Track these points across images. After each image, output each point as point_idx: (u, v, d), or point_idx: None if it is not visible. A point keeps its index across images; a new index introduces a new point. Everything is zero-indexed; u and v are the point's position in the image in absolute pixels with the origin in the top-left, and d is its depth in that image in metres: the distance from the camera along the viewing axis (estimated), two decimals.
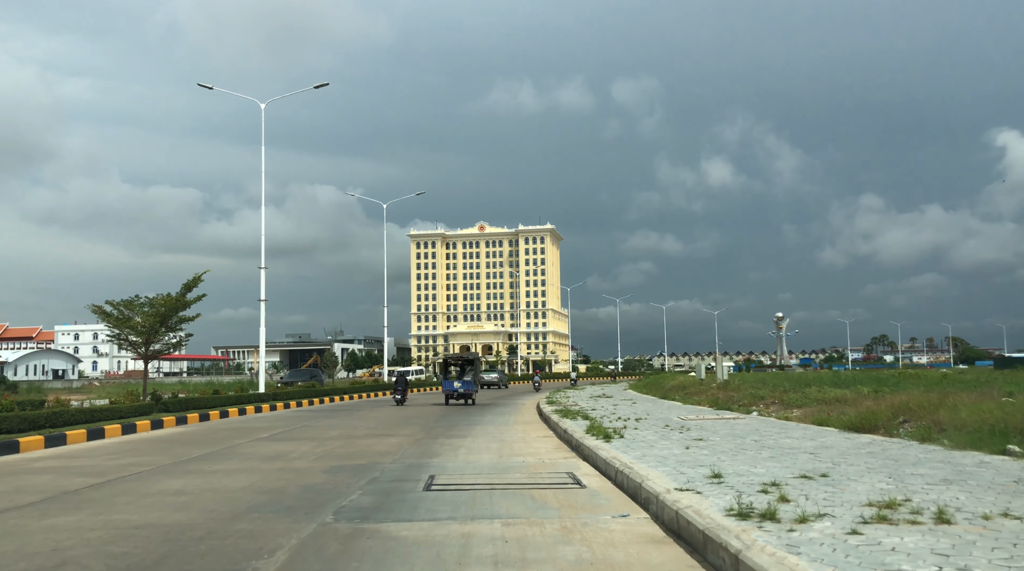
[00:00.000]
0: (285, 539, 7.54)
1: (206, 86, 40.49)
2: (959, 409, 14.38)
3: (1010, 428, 12.01)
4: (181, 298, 29.57)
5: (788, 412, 20.45)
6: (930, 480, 8.84)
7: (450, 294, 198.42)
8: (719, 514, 7.11)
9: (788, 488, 8.43)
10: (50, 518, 8.92)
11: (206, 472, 12.82)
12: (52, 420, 20.51)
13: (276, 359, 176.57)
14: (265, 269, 38.89)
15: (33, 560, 6.90)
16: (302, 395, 38.66)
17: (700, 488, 8.59)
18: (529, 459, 13.86)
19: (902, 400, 16.77)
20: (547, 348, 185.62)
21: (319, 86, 42.61)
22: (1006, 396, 17.20)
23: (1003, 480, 8.73)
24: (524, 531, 7.68)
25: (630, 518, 8.31)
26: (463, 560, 6.61)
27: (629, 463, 10.85)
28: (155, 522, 8.52)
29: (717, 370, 42.12)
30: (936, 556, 5.48)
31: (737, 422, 18.21)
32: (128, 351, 31.33)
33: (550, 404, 28.22)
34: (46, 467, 14.02)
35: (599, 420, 19.07)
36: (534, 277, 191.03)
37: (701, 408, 25.02)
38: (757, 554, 5.64)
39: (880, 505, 7.24)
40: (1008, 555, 5.48)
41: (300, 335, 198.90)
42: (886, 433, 14.23)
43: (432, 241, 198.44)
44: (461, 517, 8.46)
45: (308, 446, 16.46)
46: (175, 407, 26.94)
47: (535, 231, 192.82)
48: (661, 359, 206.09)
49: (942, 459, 10.63)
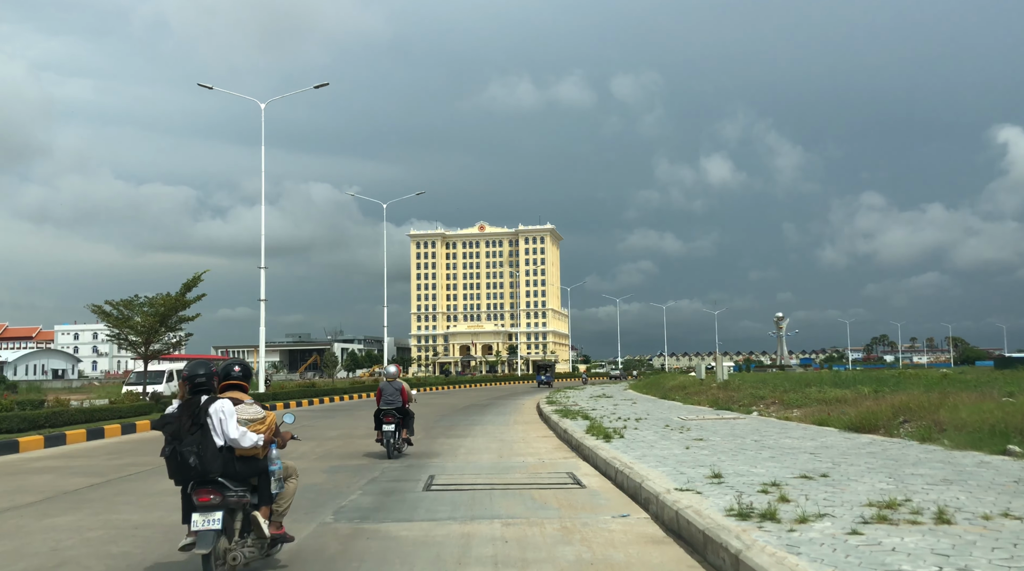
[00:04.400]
0: None
1: (206, 86, 40.49)
2: (959, 409, 14.38)
3: (1010, 428, 12.01)
4: (181, 298, 29.56)
5: (788, 412, 20.45)
6: (930, 480, 8.84)
7: (450, 294, 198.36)
8: (719, 514, 7.10)
9: (788, 488, 8.42)
10: (50, 518, 8.92)
11: None
12: (52, 420, 20.51)
13: (276, 359, 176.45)
14: (265, 269, 38.88)
15: (33, 560, 6.90)
16: (302, 395, 38.66)
17: (700, 488, 8.59)
18: (529, 459, 13.85)
19: (902, 400, 16.78)
20: (547, 348, 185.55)
21: (319, 86, 42.52)
22: (1006, 396, 17.20)
23: (1003, 480, 8.73)
24: (524, 531, 7.67)
25: (630, 518, 8.31)
26: (463, 560, 6.61)
27: (629, 463, 10.85)
28: (155, 522, 8.51)
29: (717, 370, 42.12)
30: (936, 556, 5.48)
31: (737, 422, 18.21)
32: (128, 351, 31.34)
33: (550, 404, 28.22)
34: (46, 467, 14.01)
35: (599, 420, 19.07)
36: (534, 277, 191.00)
37: (701, 408, 25.02)
38: (757, 554, 5.64)
39: (880, 505, 7.24)
40: (1008, 555, 5.47)
41: (300, 335, 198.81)
42: (886, 433, 14.22)
43: (432, 241, 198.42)
44: (461, 517, 8.46)
45: (308, 446, 16.45)
46: None
47: (535, 231, 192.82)
48: (661, 359, 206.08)
49: (942, 459, 10.63)
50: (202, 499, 5.68)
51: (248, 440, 5.94)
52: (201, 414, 5.78)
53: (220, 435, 5.82)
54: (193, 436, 5.71)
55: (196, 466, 5.64)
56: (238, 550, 5.91)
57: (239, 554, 5.89)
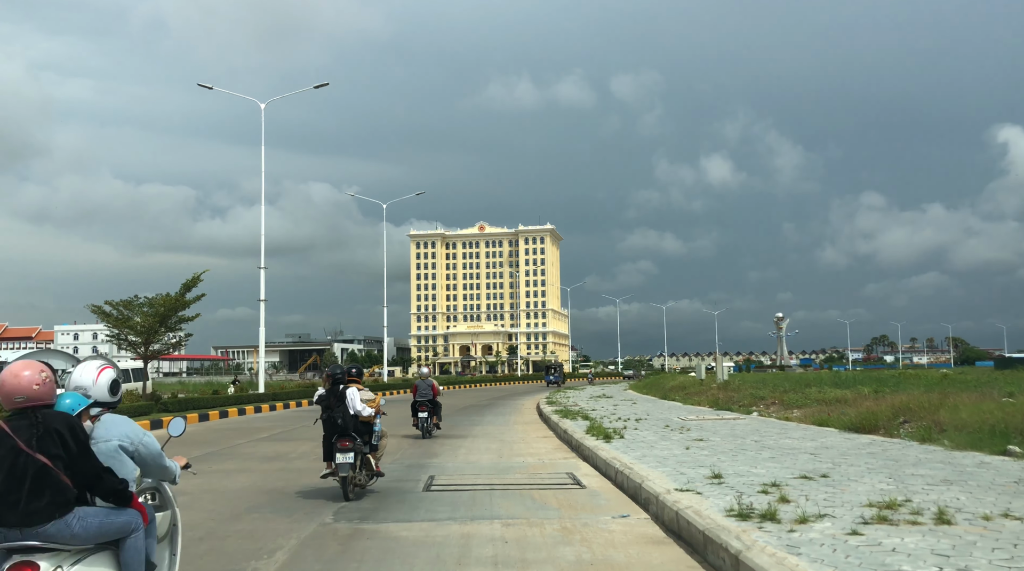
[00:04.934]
0: (285, 539, 7.53)
1: (206, 86, 40.44)
2: (959, 409, 14.38)
3: (1010, 428, 12.01)
4: (180, 298, 29.56)
5: (788, 412, 20.45)
6: (930, 480, 8.83)
7: (450, 294, 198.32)
8: (719, 515, 7.10)
9: (788, 489, 8.42)
10: None
11: (206, 472, 12.81)
12: None
13: (276, 359, 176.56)
14: (265, 269, 38.86)
15: None
16: (301, 395, 38.63)
17: (700, 488, 8.59)
18: (529, 459, 13.85)
19: (902, 400, 16.78)
20: (547, 348, 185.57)
21: (319, 86, 42.43)
22: (1006, 396, 17.20)
23: (1003, 480, 8.72)
24: (524, 531, 7.67)
25: (630, 518, 8.30)
26: (463, 560, 6.60)
27: (629, 463, 10.84)
28: None
29: (717, 370, 42.09)
30: (936, 557, 5.48)
31: (737, 422, 18.21)
32: (128, 351, 31.33)
33: (550, 404, 28.22)
34: None
35: (599, 420, 19.07)
36: (534, 277, 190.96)
37: (701, 408, 25.01)
38: (757, 555, 5.63)
39: (880, 506, 7.24)
40: (1008, 556, 5.47)
41: (300, 335, 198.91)
42: (886, 433, 14.22)
43: (432, 241, 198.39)
44: (461, 517, 8.45)
45: (308, 446, 16.44)
46: (175, 407, 26.95)
47: (535, 231, 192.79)
48: (661, 359, 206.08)
49: (942, 459, 10.62)
50: (343, 444, 9.53)
51: (366, 412, 9.99)
52: (341, 395, 9.76)
53: (351, 408, 9.75)
54: (338, 408, 9.69)
55: (341, 424, 9.62)
56: (359, 476, 9.74)
57: (360, 478, 9.77)
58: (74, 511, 3.84)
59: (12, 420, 3.87)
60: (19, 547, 3.73)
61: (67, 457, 3.83)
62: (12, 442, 3.78)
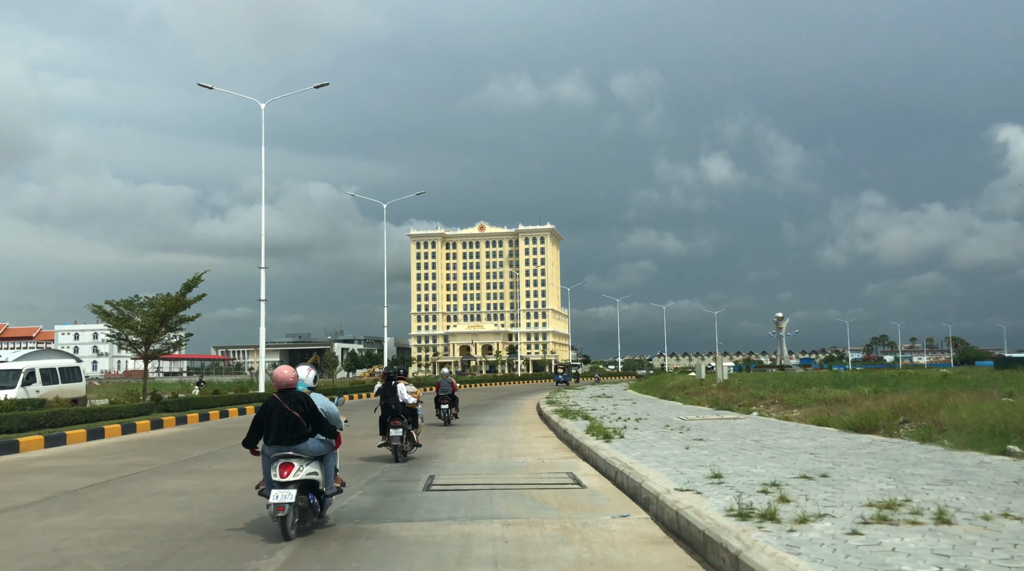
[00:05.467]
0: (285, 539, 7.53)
1: (206, 86, 40.43)
2: (959, 409, 14.38)
3: (1010, 428, 12.01)
4: (181, 298, 29.54)
5: (788, 412, 20.45)
6: (930, 480, 8.84)
7: (450, 294, 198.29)
8: (719, 514, 7.10)
9: (788, 488, 8.43)
10: (50, 518, 8.92)
11: (206, 472, 12.82)
12: (52, 420, 20.51)
13: (276, 359, 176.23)
14: (265, 269, 38.85)
15: (33, 560, 6.90)
16: None
17: (700, 488, 8.59)
18: (529, 459, 13.86)
19: (902, 400, 16.77)
20: (547, 348, 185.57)
21: (319, 86, 42.41)
22: (1006, 396, 17.19)
23: (1003, 480, 8.73)
24: (524, 531, 7.68)
25: (630, 518, 8.31)
26: (463, 560, 6.61)
27: (629, 463, 10.85)
28: (155, 522, 8.52)
29: (717, 370, 42.10)
30: (936, 556, 5.48)
31: (737, 422, 18.21)
32: (128, 351, 31.33)
33: (550, 404, 28.23)
34: (46, 467, 14.02)
35: (599, 420, 19.07)
36: (534, 277, 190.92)
37: (701, 408, 25.02)
38: (757, 554, 5.64)
39: (880, 505, 7.24)
40: (1008, 555, 5.48)
41: (300, 335, 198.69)
42: (886, 433, 14.22)
43: (432, 241, 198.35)
44: (461, 517, 8.46)
45: None
46: (175, 407, 26.96)
47: (535, 231, 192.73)
48: (661, 359, 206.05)
49: (942, 459, 10.63)
50: (395, 422, 13.63)
51: (411, 400, 14.09)
52: (393, 388, 13.95)
53: (401, 397, 13.85)
54: (391, 397, 13.84)
55: (393, 409, 13.75)
56: (405, 445, 13.83)
57: (406, 446, 13.90)
58: (307, 440, 7.72)
59: (280, 394, 7.81)
60: (284, 454, 7.63)
61: (305, 413, 7.74)
62: (282, 405, 7.71)
